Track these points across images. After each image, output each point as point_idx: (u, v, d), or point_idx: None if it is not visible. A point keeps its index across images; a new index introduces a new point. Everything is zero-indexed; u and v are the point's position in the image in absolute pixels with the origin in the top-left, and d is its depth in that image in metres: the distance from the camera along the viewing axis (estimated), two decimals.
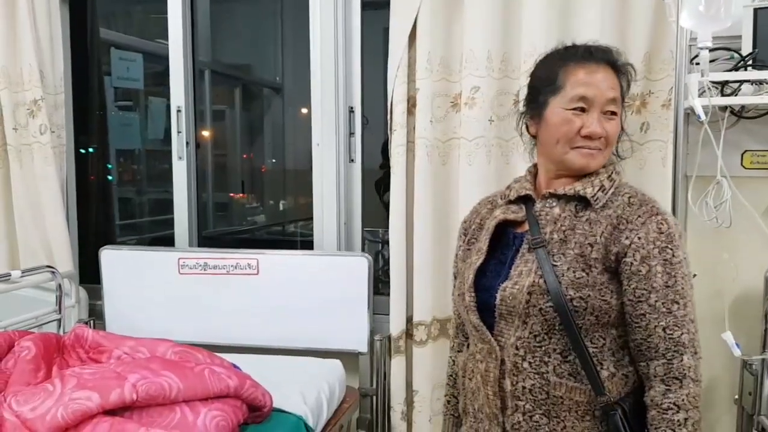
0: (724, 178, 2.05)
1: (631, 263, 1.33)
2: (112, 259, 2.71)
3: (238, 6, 4.17)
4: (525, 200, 1.50)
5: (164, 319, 2.63)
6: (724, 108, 2.12)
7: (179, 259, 2.62)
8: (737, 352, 1.98)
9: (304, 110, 2.75)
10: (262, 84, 4.62)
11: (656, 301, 1.32)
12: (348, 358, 2.48)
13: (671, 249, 1.34)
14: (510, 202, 1.53)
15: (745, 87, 2.07)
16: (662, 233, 1.34)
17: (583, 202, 1.42)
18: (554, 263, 1.37)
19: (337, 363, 2.40)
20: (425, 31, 2.34)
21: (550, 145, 1.45)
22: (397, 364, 2.46)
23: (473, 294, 1.46)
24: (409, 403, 2.49)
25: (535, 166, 1.56)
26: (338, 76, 2.60)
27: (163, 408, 1.68)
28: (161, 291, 2.64)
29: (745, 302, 2.23)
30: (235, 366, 1.98)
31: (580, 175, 1.45)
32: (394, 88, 2.39)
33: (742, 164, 2.25)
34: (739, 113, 2.20)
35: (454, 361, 1.70)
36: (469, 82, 2.30)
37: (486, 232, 1.52)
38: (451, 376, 1.72)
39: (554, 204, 1.44)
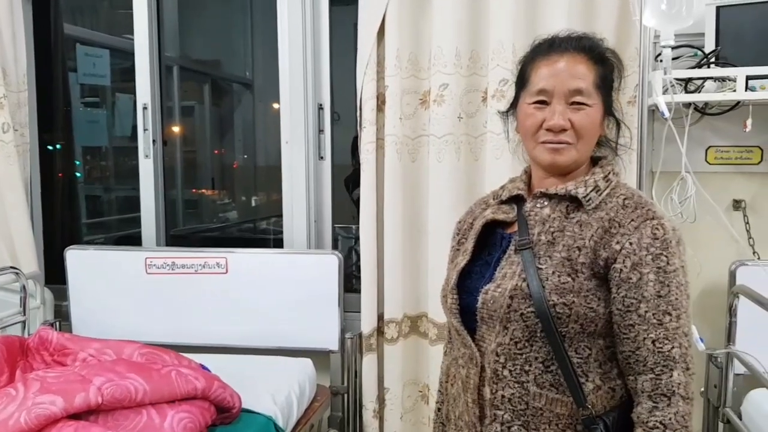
0: (689, 174, 2.08)
1: (621, 270, 1.25)
2: (77, 259, 2.67)
3: (206, 0, 4.13)
4: (518, 200, 1.43)
5: (132, 320, 2.59)
6: (687, 105, 2.15)
7: (146, 258, 2.59)
8: (701, 347, 2.00)
9: (276, 105, 2.73)
10: (232, 80, 4.59)
11: (646, 312, 1.24)
12: (319, 356, 2.47)
13: (666, 256, 1.25)
14: (502, 202, 1.45)
15: (708, 84, 2.10)
16: (657, 239, 1.25)
17: (575, 202, 1.34)
18: (539, 266, 1.30)
19: (307, 362, 2.39)
20: (394, 27, 2.33)
21: (524, 143, 1.42)
22: (368, 362, 2.46)
23: (455, 296, 1.39)
24: (381, 400, 2.49)
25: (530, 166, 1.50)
26: (307, 73, 2.58)
27: (129, 411, 1.67)
28: (128, 291, 2.61)
29: (709, 296, 2.27)
30: (203, 367, 1.97)
31: (563, 173, 1.37)
32: (363, 85, 2.38)
33: (706, 160, 2.29)
34: (703, 110, 2.23)
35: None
36: (438, 79, 2.30)
37: (473, 232, 1.46)
38: (443, 383, 1.62)
39: (545, 204, 1.37)
